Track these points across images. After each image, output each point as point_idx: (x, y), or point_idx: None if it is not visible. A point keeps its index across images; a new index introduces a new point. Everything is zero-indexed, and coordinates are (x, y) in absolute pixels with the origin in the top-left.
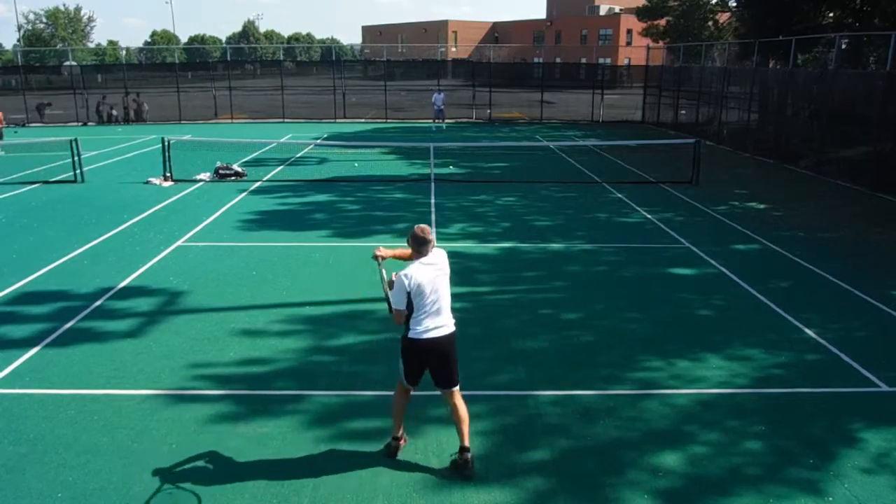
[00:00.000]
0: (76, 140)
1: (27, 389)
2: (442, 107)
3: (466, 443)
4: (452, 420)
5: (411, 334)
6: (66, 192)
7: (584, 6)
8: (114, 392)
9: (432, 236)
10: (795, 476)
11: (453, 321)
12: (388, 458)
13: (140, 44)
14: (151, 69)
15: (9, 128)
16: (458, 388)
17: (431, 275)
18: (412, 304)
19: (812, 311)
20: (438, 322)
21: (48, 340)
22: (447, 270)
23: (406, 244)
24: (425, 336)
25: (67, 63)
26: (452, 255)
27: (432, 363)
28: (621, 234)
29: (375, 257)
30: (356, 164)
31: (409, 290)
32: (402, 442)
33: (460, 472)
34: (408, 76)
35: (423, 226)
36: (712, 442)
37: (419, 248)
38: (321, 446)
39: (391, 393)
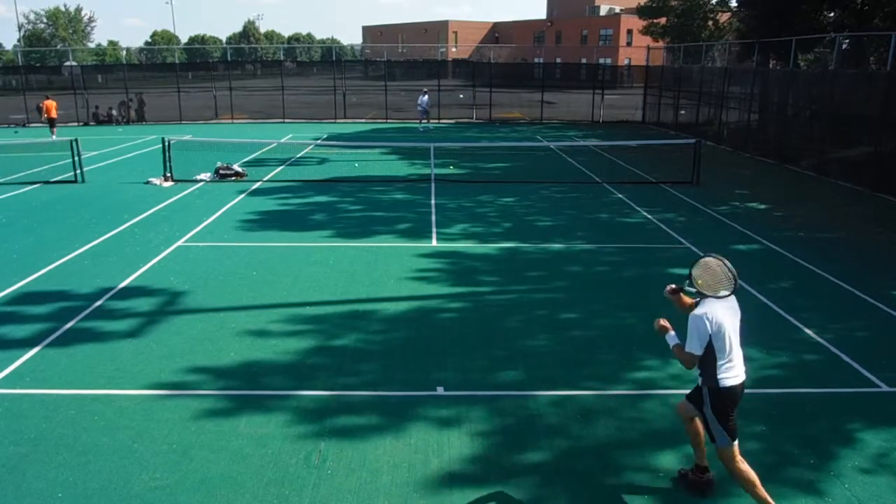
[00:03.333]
0: (76, 140)
1: (28, 389)
2: (427, 108)
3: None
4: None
5: (726, 382)
6: (67, 192)
7: (584, 6)
8: (114, 392)
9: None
10: (795, 476)
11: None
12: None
13: (140, 44)
14: (152, 69)
15: (9, 128)
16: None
17: (728, 317)
18: (713, 348)
19: (812, 311)
20: (742, 365)
21: (49, 340)
22: (739, 312)
23: (689, 283)
24: (739, 381)
25: (68, 63)
26: (453, 255)
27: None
28: (622, 235)
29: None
30: (356, 165)
31: (709, 331)
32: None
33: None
34: (408, 76)
35: (718, 258)
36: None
37: (716, 285)
38: (321, 446)
39: (391, 393)
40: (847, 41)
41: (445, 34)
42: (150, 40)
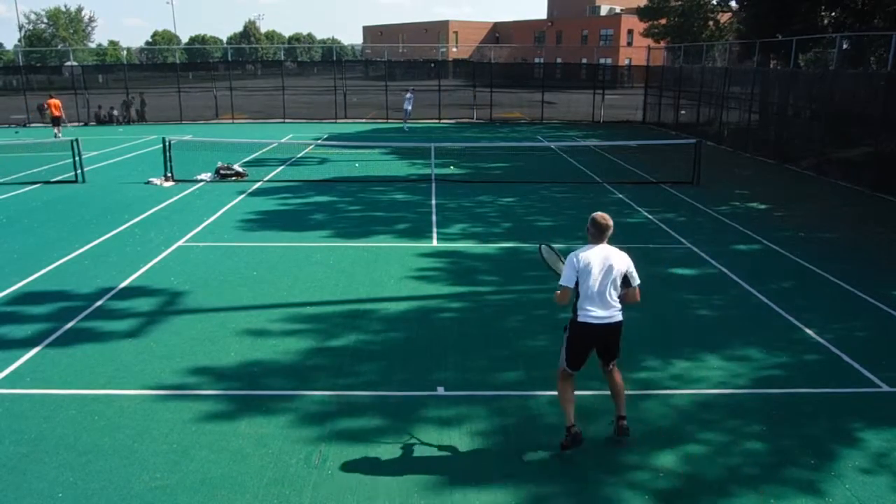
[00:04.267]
0: (77, 140)
1: (28, 389)
2: (408, 108)
3: (623, 412)
4: (612, 392)
5: (583, 319)
6: (67, 192)
7: (584, 6)
8: (115, 392)
9: (610, 222)
10: (795, 476)
11: (621, 312)
12: (566, 448)
13: (141, 44)
14: (152, 69)
15: (10, 128)
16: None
17: (597, 262)
18: (578, 286)
19: (812, 311)
20: (606, 309)
21: (49, 340)
22: (618, 266)
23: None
24: (592, 321)
25: (68, 63)
26: (453, 255)
27: (600, 345)
28: (622, 235)
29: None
30: (357, 165)
31: (577, 269)
32: (576, 430)
33: (619, 436)
34: (409, 76)
35: (602, 213)
36: (712, 442)
37: (596, 233)
38: (321, 446)
39: (391, 393)
40: (847, 41)
41: (446, 34)
42: (150, 40)
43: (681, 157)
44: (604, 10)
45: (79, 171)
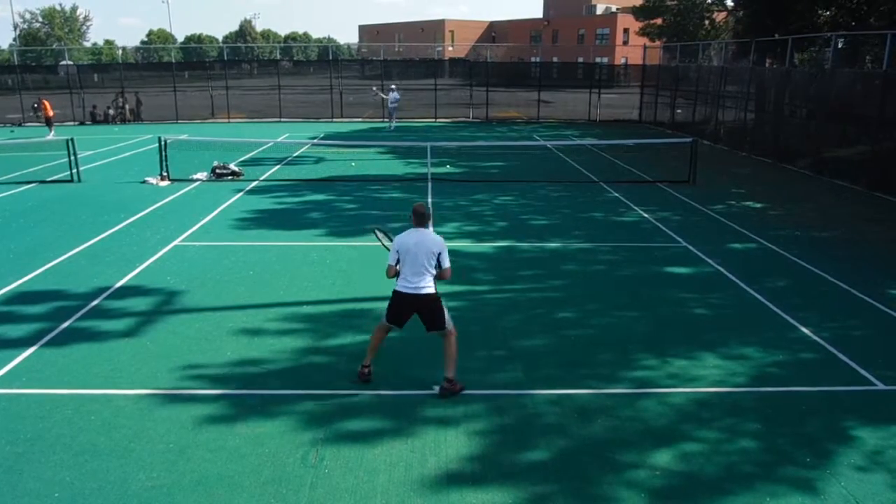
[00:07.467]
0: (73, 140)
1: (24, 389)
2: (394, 105)
3: (449, 374)
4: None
5: (396, 288)
6: (63, 191)
7: (581, 6)
8: (111, 392)
9: (428, 212)
10: (791, 474)
11: (432, 287)
12: (361, 383)
13: (136, 43)
14: (148, 68)
15: (6, 127)
16: (447, 330)
17: (412, 244)
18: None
19: (809, 309)
20: (415, 282)
21: (45, 340)
22: (429, 248)
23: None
24: (403, 290)
25: (64, 62)
26: (450, 254)
27: (416, 313)
28: (618, 234)
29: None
30: (353, 164)
31: (396, 248)
32: (367, 370)
33: (442, 395)
34: (405, 76)
35: (421, 203)
36: (709, 440)
37: (416, 220)
38: (318, 445)
39: (388, 392)
40: (843, 40)
41: (442, 33)
42: (146, 39)
43: (677, 156)
44: (600, 10)
45: (74, 171)
